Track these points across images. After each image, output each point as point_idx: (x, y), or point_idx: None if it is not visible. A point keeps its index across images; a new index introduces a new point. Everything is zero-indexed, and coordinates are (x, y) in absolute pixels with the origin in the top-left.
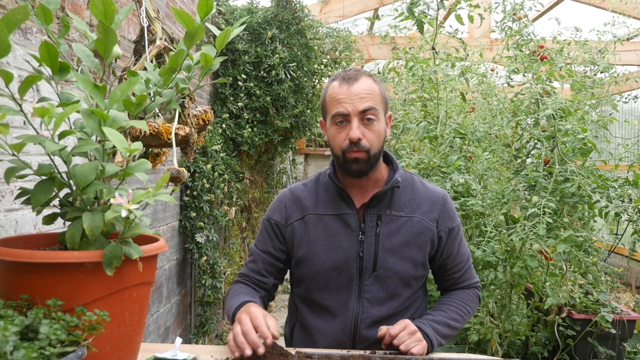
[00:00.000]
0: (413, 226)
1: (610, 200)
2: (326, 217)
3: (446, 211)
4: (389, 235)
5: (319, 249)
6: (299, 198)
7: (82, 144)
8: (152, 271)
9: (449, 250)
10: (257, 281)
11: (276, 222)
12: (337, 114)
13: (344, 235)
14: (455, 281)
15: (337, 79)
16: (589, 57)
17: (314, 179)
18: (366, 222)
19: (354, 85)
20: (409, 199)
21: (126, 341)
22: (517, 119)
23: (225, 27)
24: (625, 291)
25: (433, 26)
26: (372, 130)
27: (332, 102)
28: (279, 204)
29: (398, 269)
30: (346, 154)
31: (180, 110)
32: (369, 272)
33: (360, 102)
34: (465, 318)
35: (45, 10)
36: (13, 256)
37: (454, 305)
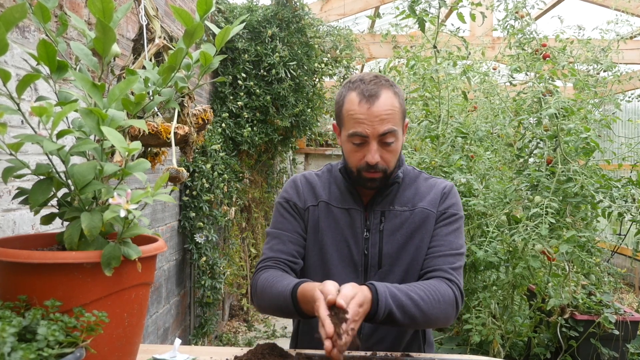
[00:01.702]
0: (415, 217)
1: (613, 200)
2: (336, 209)
3: (448, 197)
4: (392, 231)
5: (328, 240)
6: (312, 185)
7: (80, 144)
8: (151, 272)
9: (437, 230)
10: (289, 263)
11: (295, 204)
12: (355, 134)
13: (350, 230)
14: (429, 262)
15: (356, 91)
16: (592, 56)
17: (325, 170)
18: (370, 219)
19: (375, 104)
20: (414, 194)
21: (125, 342)
22: (520, 118)
23: (224, 26)
24: (628, 292)
25: (434, 24)
26: (390, 151)
27: (349, 118)
28: (294, 188)
29: (403, 263)
30: (362, 172)
31: (180, 109)
32: (375, 269)
33: (380, 125)
34: (433, 303)
35: (43, 9)
36: (11, 256)
37: (421, 285)
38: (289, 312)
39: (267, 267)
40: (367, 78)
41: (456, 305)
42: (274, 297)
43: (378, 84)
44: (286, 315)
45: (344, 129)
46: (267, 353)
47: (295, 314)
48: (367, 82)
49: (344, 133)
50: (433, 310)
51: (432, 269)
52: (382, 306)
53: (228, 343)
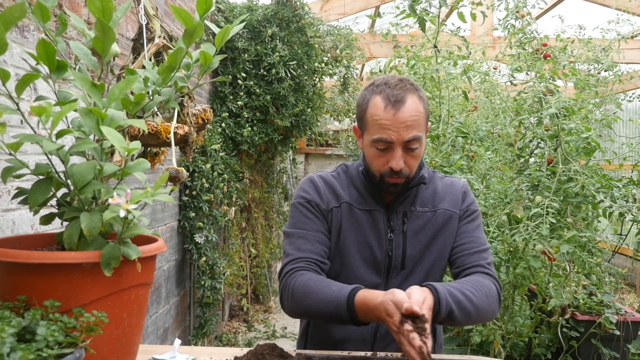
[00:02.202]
0: (437, 218)
1: (614, 200)
2: (357, 210)
3: (467, 196)
4: (415, 232)
5: (350, 241)
6: (332, 185)
7: (79, 143)
8: (150, 272)
9: (464, 227)
10: (320, 264)
11: (317, 204)
12: (379, 140)
13: (373, 232)
14: (465, 259)
15: (381, 95)
16: (593, 55)
17: (340, 170)
18: (393, 220)
19: (401, 110)
20: (432, 194)
21: (124, 343)
22: (520, 117)
23: (224, 25)
24: (629, 292)
25: (435, 24)
26: (414, 156)
27: (374, 123)
28: (313, 188)
29: (424, 263)
30: (385, 177)
31: (179, 109)
32: (397, 270)
33: (406, 132)
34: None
35: (43, 8)
36: (10, 257)
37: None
38: (338, 319)
39: (301, 268)
40: (392, 82)
41: (499, 299)
42: (322, 302)
43: (403, 88)
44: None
45: (367, 133)
46: (267, 353)
47: (347, 321)
48: (392, 87)
49: (367, 137)
50: (484, 305)
51: (470, 266)
52: (443, 305)
53: (228, 343)
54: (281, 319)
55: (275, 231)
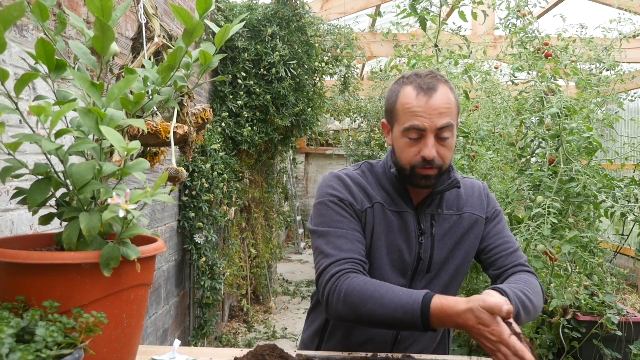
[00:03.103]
0: (463, 222)
1: (616, 200)
2: (389, 211)
3: (490, 198)
4: (442, 235)
5: (381, 243)
6: (362, 184)
7: (78, 143)
8: (150, 272)
9: (495, 228)
10: (364, 264)
11: (351, 204)
12: (411, 128)
13: (403, 234)
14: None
15: (412, 85)
16: (595, 55)
17: (365, 169)
18: (423, 223)
19: (433, 97)
20: (456, 197)
21: (124, 343)
22: (521, 117)
23: (224, 24)
24: (631, 292)
25: (436, 23)
26: (447, 146)
27: (405, 112)
28: (344, 186)
29: (448, 266)
30: (416, 169)
31: (179, 108)
32: (423, 273)
33: (438, 119)
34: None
35: (42, 7)
36: (9, 257)
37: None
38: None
39: (350, 270)
40: (422, 72)
41: (544, 297)
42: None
43: (434, 77)
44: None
45: (398, 123)
46: (267, 354)
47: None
48: (423, 76)
49: (397, 128)
50: (538, 302)
51: (511, 266)
52: (514, 307)
53: (228, 344)
54: (281, 320)
55: (275, 231)
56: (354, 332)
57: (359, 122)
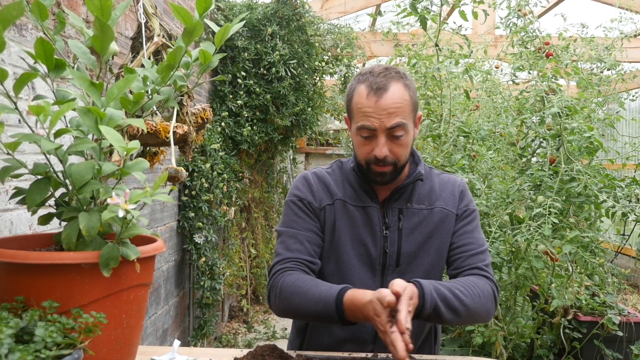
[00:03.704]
0: (434, 216)
1: (617, 200)
2: (351, 207)
3: (465, 196)
4: (411, 229)
5: (345, 239)
6: (326, 182)
7: (78, 143)
8: (149, 272)
9: (460, 226)
10: (309, 264)
11: (310, 202)
12: (362, 128)
13: (367, 229)
14: (463, 261)
15: (364, 84)
16: (596, 54)
17: (335, 167)
18: (389, 217)
19: (383, 97)
20: (429, 191)
21: (123, 344)
22: (522, 117)
23: (224, 24)
24: (632, 293)
25: (436, 22)
26: (400, 144)
27: (358, 111)
28: (306, 186)
29: (421, 262)
30: (371, 165)
31: (179, 108)
32: (392, 267)
33: (388, 119)
34: (475, 298)
35: (41, 6)
36: (8, 257)
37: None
38: (326, 318)
39: (289, 268)
40: (376, 70)
41: (495, 301)
42: (310, 302)
43: (387, 76)
44: (318, 320)
45: (353, 121)
46: (267, 354)
47: (335, 321)
48: (376, 75)
49: (353, 126)
50: (475, 305)
51: (467, 268)
52: (428, 300)
53: (228, 344)
54: (281, 320)
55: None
56: (333, 330)
57: None
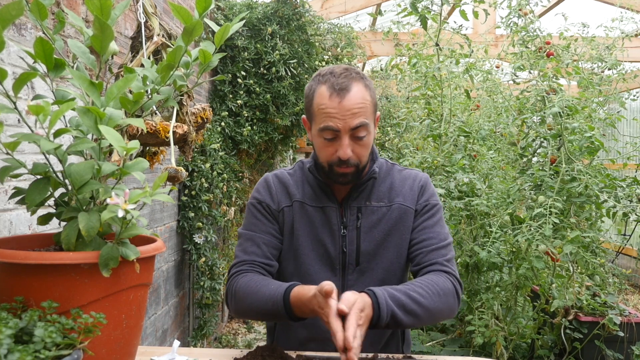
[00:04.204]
0: (392, 213)
1: (618, 200)
2: (310, 207)
3: (424, 190)
4: (369, 227)
5: (304, 240)
6: (285, 184)
7: (77, 143)
8: (149, 273)
9: (420, 221)
10: (264, 265)
11: (268, 205)
12: (326, 129)
13: (326, 229)
14: (423, 257)
15: (326, 85)
16: (597, 54)
17: (297, 168)
18: (347, 216)
19: (346, 97)
20: (388, 188)
21: (123, 344)
22: (523, 116)
23: (224, 23)
24: (633, 293)
25: (437, 22)
26: (363, 145)
27: (320, 112)
28: (266, 188)
29: (381, 260)
30: (333, 167)
31: (178, 108)
32: (352, 266)
33: (352, 119)
34: (434, 298)
35: (40, 6)
36: (7, 257)
37: (419, 282)
38: (277, 316)
39: (244, 271)
40: (337, 71)
41: (457, 296)
42: (261, 301)
43: (349, 76)
44: (271, 319)
45: (315, 123)
46: (267, 355)
47: (284, 318)
48: (337, 75)
49: (314, 127)
50: (435, 304)
51: (427, 264)
52: (383, 309)
53: (227, 345)
54: None
55: None
56: (296, 330)
57: None
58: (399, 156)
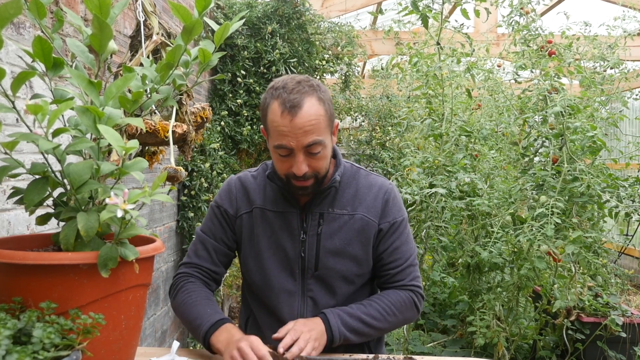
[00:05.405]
0: (355, 223)
1: (620, 200)
2: (270, 213)
3: (390, 205)
4: (330, 234)
5: (263, 246)
6: (247, 189)
7: (76, 142)
8: (148, 273)
9: (387, 243)
10: (210, 272)
11: (226, 210)
12: (280, 147)
13: (286, 234)
14: (389, 278)
15: (278, 100)
16: (599, 53)
17: (261, 170)
18: (308, 222)
19: (298, 115)
20: (352, 196)
21: (122, 345)
22: (525, 116)
23: (224, 22)
24: (635, 294)
25: (438, 21)
26: (318, 159)
27: (274, 130)
28: (228, 193)
29: (340, 267)
30: (291, 180)
31: (178, 107)
32: (311, 271)
33: (304, 137)
34: (388, 319)
35: (39, 4)
36: (6, 257)
37: (377, 303)
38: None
39: (190, 275)
40: (290, 85)
41: (416, 307)
42: (190, 317)
43: (301, 92)
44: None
45: (270, 138)
46: None
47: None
48: (289, 91)
49: (270, 142)
50: (389, 324)
51: (392, 285)
52: (336, 336)
53: None
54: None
55: None
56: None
57: (360, 121)
58: (399, 156)
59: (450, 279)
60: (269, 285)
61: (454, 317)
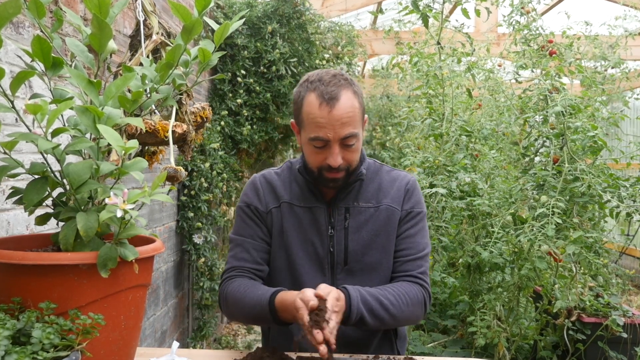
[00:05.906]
0: (380, 214)
1: (621, 200)
2: (298, 208)
3: (410, 194)
4: (357, 228)
5: (293, 240)
6: (273, 185)
7: (76, 142)
8: (148, 273)
9: (402, 229)
10: (255, 271)
11: (256, 208)
12: (316, 139)
13: (314, 229)
14: (398, 266)
15: (315, 93)
16: (600, 52)
17: (285, 167)
18: (335, 216)
19: (335, 107)
20: (377, 189)
21: (121, 345)
22: (525, 116)
23: (223, 21)
24: (637, 294)
25: (438, 20)
26: (352, 151)
27: (310, 122)
28: (254, 191)
29: (369, 260)
30: (323, 172)
31: (178, 107)
32: (341, 266)
33: (342, 129)
34: (402, 307)
35: (38, 4)
36: (5, 258)
37: (392, 289)
38: (264, 320)
39: (234, 276)
40: (325, 78)
41: (425, 307)
42: (249, 306)
43: (337, 84)
44: (260, 323)
45: (304, 131)
46: (266, 356)
47: (271, 322)
48: (326, 83)
49: (304, 135)
50: (402, 313)
51: (402, 275)
52: (354, 310)
53: (227, 346)
54: None
55: None
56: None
57: None
58: (400, 155)
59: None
60: (299, 279)
61: (454, 318)
